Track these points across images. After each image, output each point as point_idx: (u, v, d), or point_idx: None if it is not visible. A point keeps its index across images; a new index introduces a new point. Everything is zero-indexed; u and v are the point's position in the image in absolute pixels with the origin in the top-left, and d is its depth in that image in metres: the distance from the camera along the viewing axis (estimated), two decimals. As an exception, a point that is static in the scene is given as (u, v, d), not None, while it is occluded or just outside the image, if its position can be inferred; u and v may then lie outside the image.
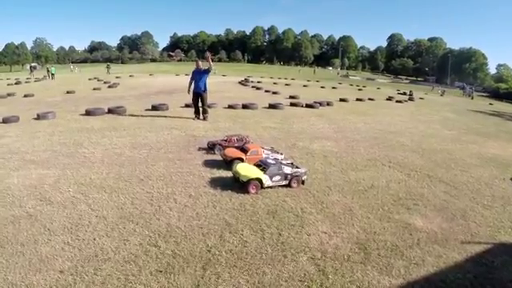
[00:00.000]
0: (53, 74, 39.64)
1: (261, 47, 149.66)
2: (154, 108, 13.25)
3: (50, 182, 5.87)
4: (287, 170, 5.83)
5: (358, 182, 6.61)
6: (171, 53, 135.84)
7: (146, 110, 13.38)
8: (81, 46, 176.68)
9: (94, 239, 4.19)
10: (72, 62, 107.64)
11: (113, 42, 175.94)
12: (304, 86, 32.79)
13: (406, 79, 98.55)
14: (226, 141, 7.71)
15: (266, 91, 23.37)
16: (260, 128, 10.85)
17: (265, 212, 5.05)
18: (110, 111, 12.45)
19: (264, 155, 6.69)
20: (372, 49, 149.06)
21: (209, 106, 11.95)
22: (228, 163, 6.64)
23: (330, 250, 4.21)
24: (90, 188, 5.64)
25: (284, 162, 6.19)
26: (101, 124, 10.73)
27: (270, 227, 4.64)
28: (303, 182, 6.01)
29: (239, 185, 5.69)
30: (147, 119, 11.57)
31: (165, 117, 12.00)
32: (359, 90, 33.99)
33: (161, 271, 3.66)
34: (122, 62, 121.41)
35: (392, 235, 4.68)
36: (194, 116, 11.60)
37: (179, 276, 3.59)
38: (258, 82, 31.39)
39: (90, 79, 32.77)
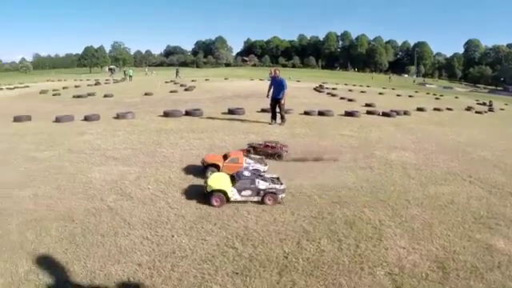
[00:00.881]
0: (130, 76, 43.76)
1: (334, 53, 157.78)
2: (231, 112, 14.59)
3: (130, 178, 6.73)
4: (262, 185, 5.74)
5: (438, 196, 6.65)
6: (245, 58, 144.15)
7: (223, 113, 14.77)
8: (157, 50, 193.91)
9: (173, 236, 4.73)
10: (148, 66, 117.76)
11: (188, 46, 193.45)
12: (379, 93, 33.00)
13: (485, 88, 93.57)
14: (260, 145, 8.34)
15: (342, 98, 24.48)
16: (337, 135, 11.38)
17: (343, 222, 5.26)
18: (188, 113, 14.03)
19: (245, 164, 6.76)
20: (448, 55, 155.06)
21: (286, 112, 12.94)
22: (204, 168, 6.89)
23: (407, 267, 4.29)
24: (169, 187, 6.34)
25: (267, 175, 6.22)
26: (179, 125, 12.03)
27: (347, 238, 4.82)
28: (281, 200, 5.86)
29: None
30: (224, 122, 12.75)
31: (241, 121, 13.13)
32: (436, 99, 34.76)
33: (237, 273, 4.01)
34: (197, 66, 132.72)
35: (472, 255, 4.60)
36: (270, 121, 12.75)
37: (255, 280, 3.91)
38: (333, 89, 33.09)
39: (166, 82, 35.80)
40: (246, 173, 6.02)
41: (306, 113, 15.19)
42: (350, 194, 6.32)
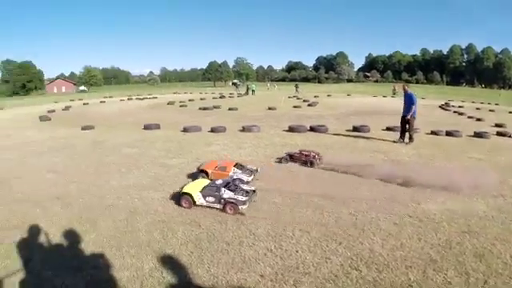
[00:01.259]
0: (253, 91, 45.81)
1: (459, 68, 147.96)
2: (355, 129, 14.68)
3: (258, 190, 6.96)
4: (226, 194, 6.20)
5: None
6: (367, 73, 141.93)
7: (347, 130, 14.89)
8: (279, 65, 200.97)
9: (297, 251, 4.86)
10: (271, 81, 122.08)
11: (309, 62, 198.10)
12: (510, 112, 29.03)
13: None
14: (296, 153, 9.41)
15: (469, 117, 22.83)
16: (465, 158, 10.61)
17: (472, 253, 4.87)
18: (312, 129, 14.45)
19: (231, 173, 7.51)
20: None
21: (413, 131, 12.61)
22: (198, 174, 7.87)
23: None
24: (295, 202, 6.52)
25: (245, 186, 6.76)
26: (304, 141, 12.35)
27: (476, 271, 4.46)
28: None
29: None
30: (349, 140, 12.81)
31: (366, 138, 13.05)
32: None
33: (360, 297, 3.97)
34: (319, 82, 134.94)
35: None
36: (398, 138, 12.64)
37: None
38: (460, 107, 31.06)
39: (289, 97, 36.47)
40: (219, 181, 6.64)
41: (433, 132, 14.56)
42: (480, 223, 5.86)
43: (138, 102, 39.79)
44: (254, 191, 6.63)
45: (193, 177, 7.98)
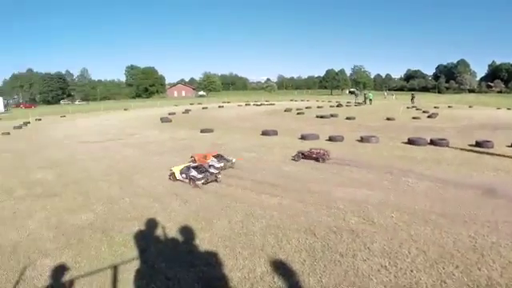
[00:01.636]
0: (370, 100, 44.49)
1: None
2: (478, 144, 13.36)
3: (373, 202, 6.86)
4: (192, 173, 8.55)
5: None
6: (490, 83, 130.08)
7: (470, 145, 13.57)
8: (397, 73, 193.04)
9: (411, 271, 4.59)
10: (388, 90, 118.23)
11: (429, 70, 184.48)
12: None
13: None
14: (307, 151, 10.97)
15: None
16: None
17: None
18: (432, 142, 13.48)
19: (209, 160, 9.82)
20: None
21: None
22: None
23: None
24: (412, 218, 6.15)
25: (212, 169, 9.06)
26: (423, 155, 11.63)
27: None
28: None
29: None
30: (471, 156, 11.73)
31: (490, 155, 11.76)
32: None
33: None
34: (439, 92, 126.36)
35: None
36: None
37: None
38: None
39: (408, 108, 34.80)
40: (193, 164, 9.18)
41: None
42: None
43: (255, 107, 41.05)
44: (218, 173, 8.83)
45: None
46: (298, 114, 28.91)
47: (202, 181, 8.36)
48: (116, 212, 6.83)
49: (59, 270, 4.76)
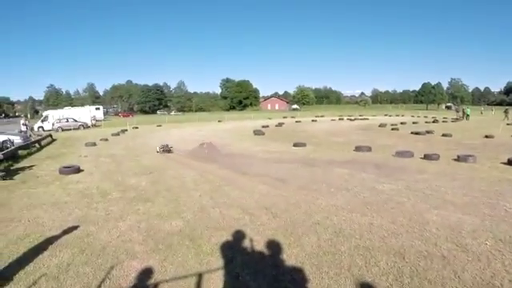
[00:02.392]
0: (467, 115, 41.68)
1: None
2: None
3: (467, 228, 6.38)
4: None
5: None
6: None
7: None
8: (496, 87, 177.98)
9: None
10: (487, 104, 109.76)
11: None
12: None
13: None
14: None
15: None
16: None
17: None
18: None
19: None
20: None
21: None
22: None
23: None
24: (508, 247, 5.62)
25: None
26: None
27: None
28: None
29: None
30: None
31: None
32: None
33: None
34: None
35: None
36: None
37: None
38: None
39: (508, 124, 32.02)
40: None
41: None
42: None
43: (348, 122, 40.52)
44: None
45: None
46: (392, 129, 28.00)
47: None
48: (206, 221, 7.02)
49: (145, 273, 4.98)
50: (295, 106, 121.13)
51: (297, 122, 42.19)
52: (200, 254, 5.50)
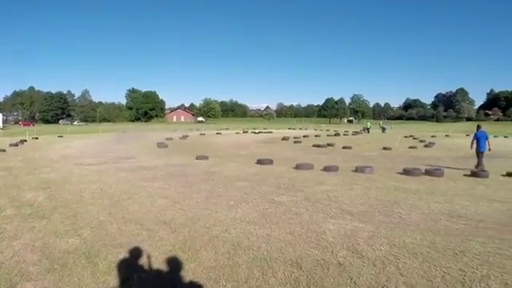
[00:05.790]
0: (368, 129, 45.06)
1: None
2: (474, 174, 13.72)
3: (363, 236, 6.72)
4: None
5: None
6: (488, 111, 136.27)
7: (465, 175, 13.84)
8: (396, 103, 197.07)
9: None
10: (387, 119, 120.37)
11: (427, 99, 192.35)
12: None
13: None
14: None
15: None
16: None
17: None
18: (428, 173, 13.64)
19: None
20: None
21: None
22: None
23: None
24: (402, 251, 6.03)
25: None
26: (417, 186, 11.61)
27: None
28: None
29: None
30: (466, 186, 11.87)
31: (485, 186, 11.89)
32: None
33: None
34: (437, 121, 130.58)
35: None
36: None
37: None
38: None
39: (405, 137, 35.24)
40: None
41: None
42: None
43: (252, 135, 41.55)
44: None
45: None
46: (295, 142, 29.25)
47: None
48: (103, 238, 6.75)
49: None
50: (201, 119, 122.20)
51: (201, 134, 42.39)
52: (96, 272, 5.25)
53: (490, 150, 15.89)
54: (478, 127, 16.57)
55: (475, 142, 15.86)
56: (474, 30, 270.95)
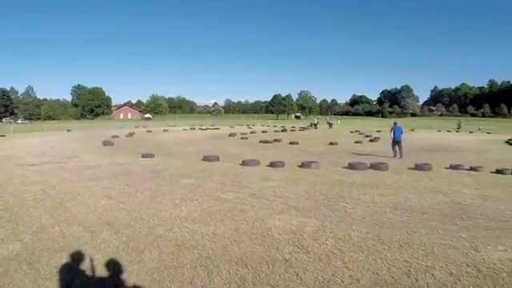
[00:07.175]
0: (315, 125, 45.96)
1: None
2: (417, 167, 14.21)
3: (309, 231, 6.79)
4: None
5: None
6: (432, 107, 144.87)
7: (409, 168, 14.40)
8: (342, 99, 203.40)
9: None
10: (334, 114, 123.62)
11: (373, 95, 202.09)
12: None
13: None
14: None
15: None
16: None
17: None
18: (373, 167, 14.02)
19: None
20: None
21: (474, 169, 14.03)
22: None
23: None
24: (347, 245, 6.13)
25: None
26: (362, 179, 11.95)
27: None
28: None
29: None
30: (410, 179, 12.31)
31: (428, 178, 12.43)
32: None
33: None
34: (382, 116, 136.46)
35: None
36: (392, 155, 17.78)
37: None
38: None
39: (351, 132, 36.20)
40: None
41: (498, 171, 13.74)
42: None
43: (200, 132, 41.31)
44: None
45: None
46: (242, 138, 29.36)
47: None
48: (45, 242, 6.39)
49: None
50: (148, 116, 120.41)
51: (148, 131, 41.71)
52: (38, 279, 4.98)
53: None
54: (395, 124, 19.26)
55: (392, 133, 18.48)
56: (418, 31, 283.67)
